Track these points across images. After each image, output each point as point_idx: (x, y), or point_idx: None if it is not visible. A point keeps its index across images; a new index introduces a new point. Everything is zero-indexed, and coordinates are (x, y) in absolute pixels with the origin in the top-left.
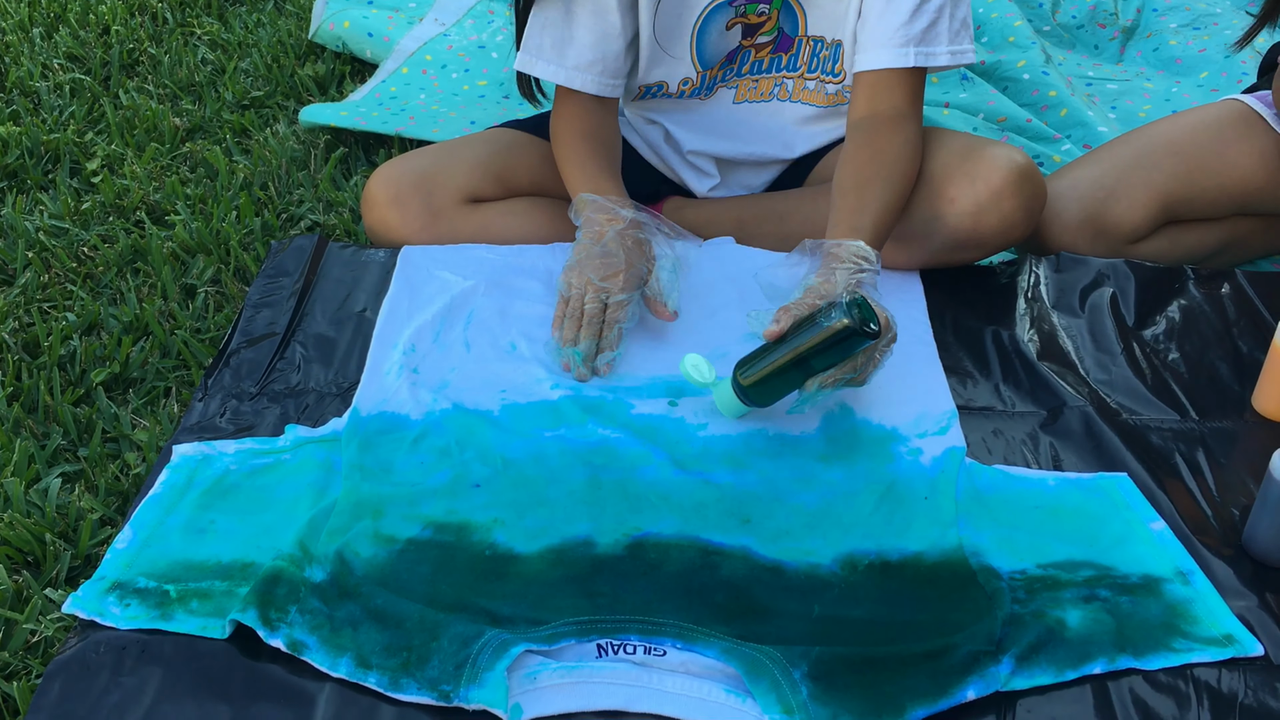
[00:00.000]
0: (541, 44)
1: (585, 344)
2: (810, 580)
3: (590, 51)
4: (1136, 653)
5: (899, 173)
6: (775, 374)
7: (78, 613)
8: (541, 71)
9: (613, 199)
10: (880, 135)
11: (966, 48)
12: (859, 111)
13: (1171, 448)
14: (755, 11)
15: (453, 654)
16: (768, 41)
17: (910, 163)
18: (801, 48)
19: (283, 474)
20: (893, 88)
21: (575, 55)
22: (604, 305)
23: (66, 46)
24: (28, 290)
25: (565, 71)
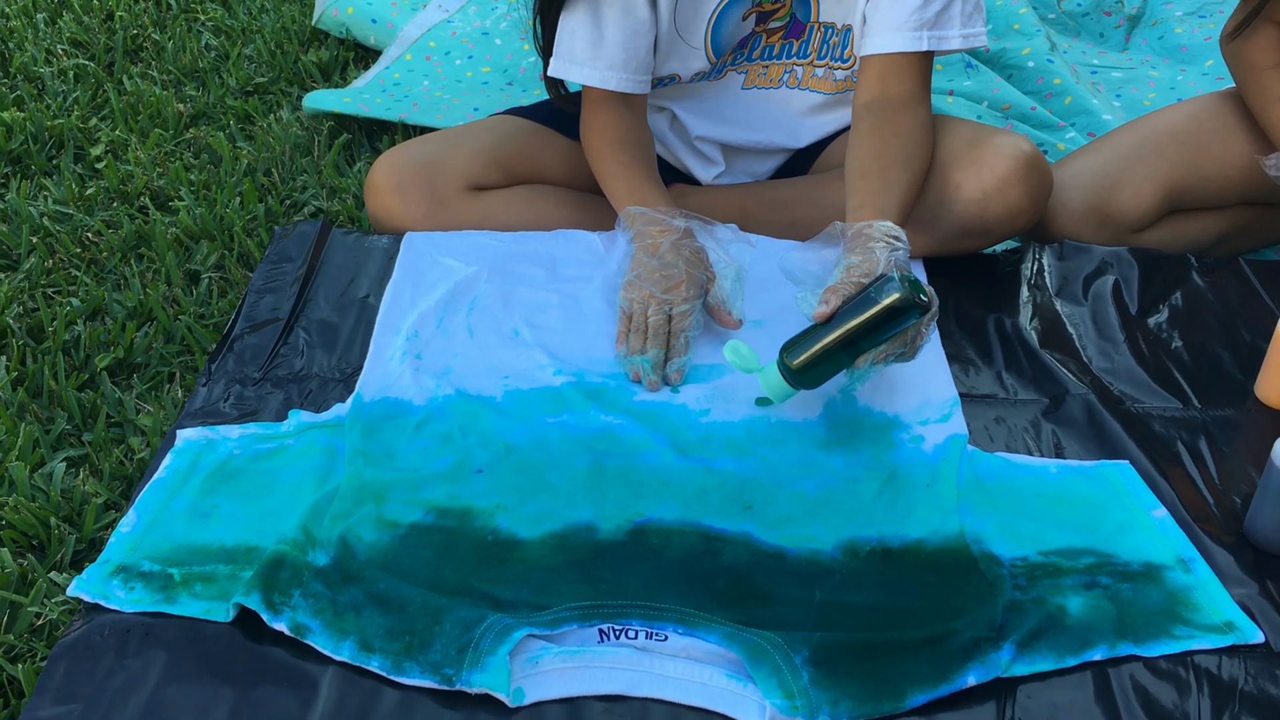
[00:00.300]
0: (573, 48)
1: (653, 352)
2: (811, 566)
3: (622, 51)
4: (1137, 640)
5: (917, 155)
6: (825, 355)
7: (82, 595)
8: (576, 75)
9: (661, 209)
10: (897, 117)
11: (978, 31)
12: (869, 94)
13: (1174, 436)
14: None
15: (455, 638)
16: (779, 27)
17: (926, 146)
18: (813, 34)
19: (286, 459)
20: (904, 71)
21: (608, 56)
22: (668, 317)
23: (70, 32)
24: (32, 275)
25: (600, 73)
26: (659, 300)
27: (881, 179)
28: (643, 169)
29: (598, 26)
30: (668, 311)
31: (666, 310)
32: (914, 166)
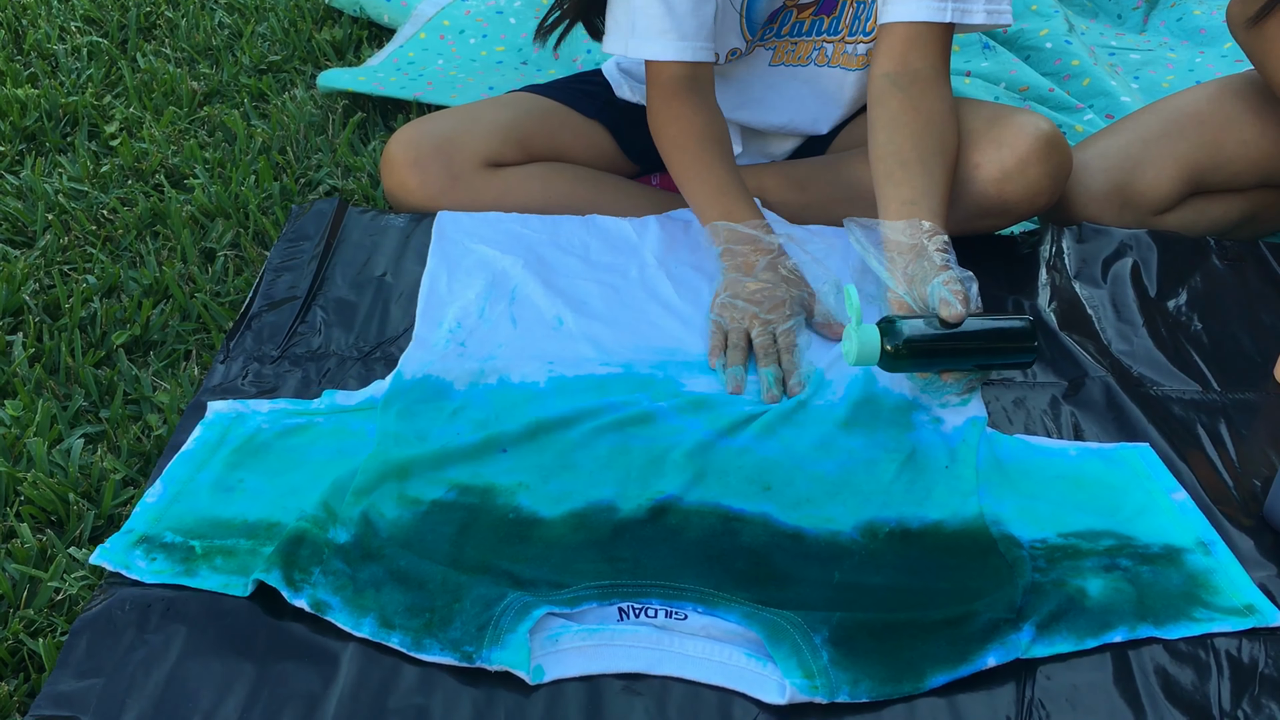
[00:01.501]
0: (635, 23)
1: (772, 369)
2: (831, 547)
3: (693, 18)
4: (1157, 622)
5: (951, 144)
6: (935, 352)
7: (105, 564)
8: (650, 51)
9: (754, 224)
10: (927, 97)
11: (1003, 8)
12: (891, 64)
13: (1193, 419)
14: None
15: (475, 615)
16: (811, 3)
17: (956, 131)
18: (844, 9)
19: (314, 436)
20: (926, 43)
21: (678, 26)
22: (773, 336)
23: (84, 9)
24: (48, 252)
25: (675, 45)
26: (762, 321)
27: (925, 172)
28: (724, 173)
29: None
30: (772, 331)
31: (771, 331)
32: (950, 156)
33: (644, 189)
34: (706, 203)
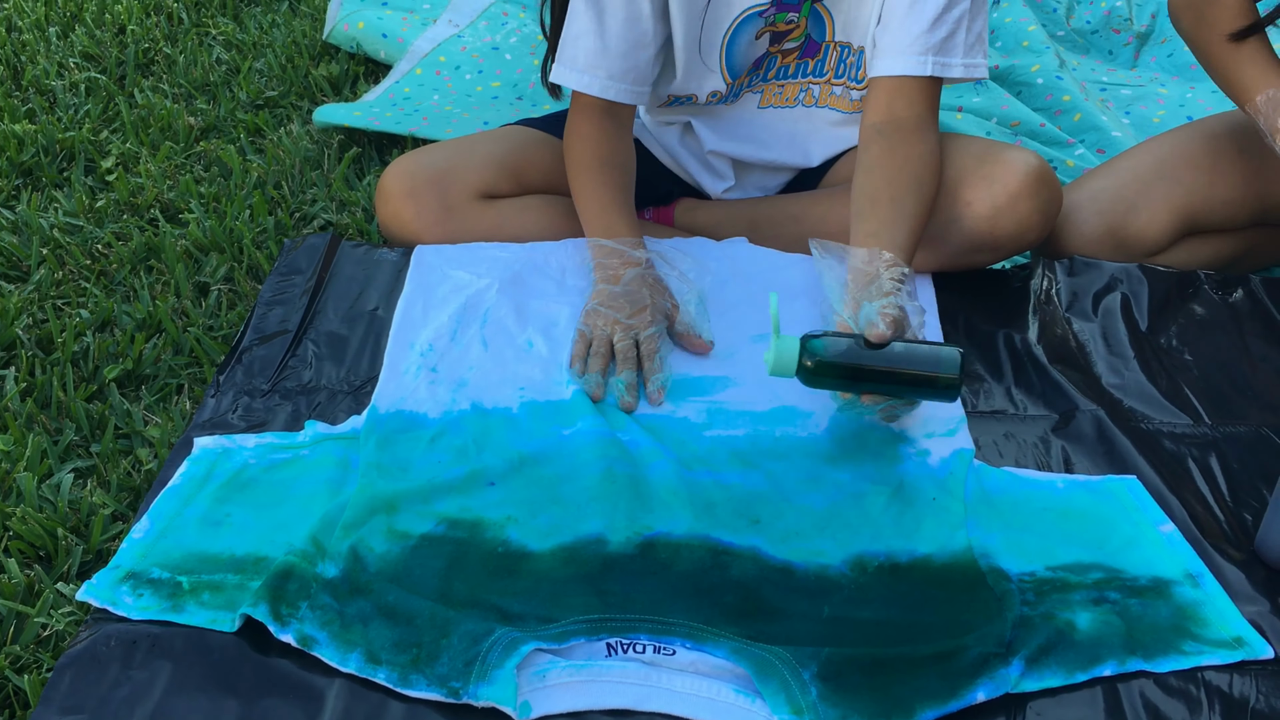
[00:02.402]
0: (575, 55)
1: (626, 374)
2: (820, 581)
3: (623, 60)
4: (1146, 655)
5: (928, 183)
6: (851, 372)
7: (91, 600)
8: (575, 82)
9: (625, 241)
10: (907, 143)
11: (979, 62)
12: (877, 116)
13: (1184, 452)
14: (784, 20)
15: (462, 651)
16: (794, 48)
17: (936, 174)
18: (828, 53)
19: (300, 469)
20: (912, 95)
21: (608, 65)
22: (635, 342)
23: (82, 45)
24: (42, 287)
25: (600, 81)
26: (625, 326)
27: (894, 208)
28: (614, 193)
29: (601, 35)
30: (634, 337)
31: (633, 336)
32: (925, 195)
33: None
34: (591, 219)
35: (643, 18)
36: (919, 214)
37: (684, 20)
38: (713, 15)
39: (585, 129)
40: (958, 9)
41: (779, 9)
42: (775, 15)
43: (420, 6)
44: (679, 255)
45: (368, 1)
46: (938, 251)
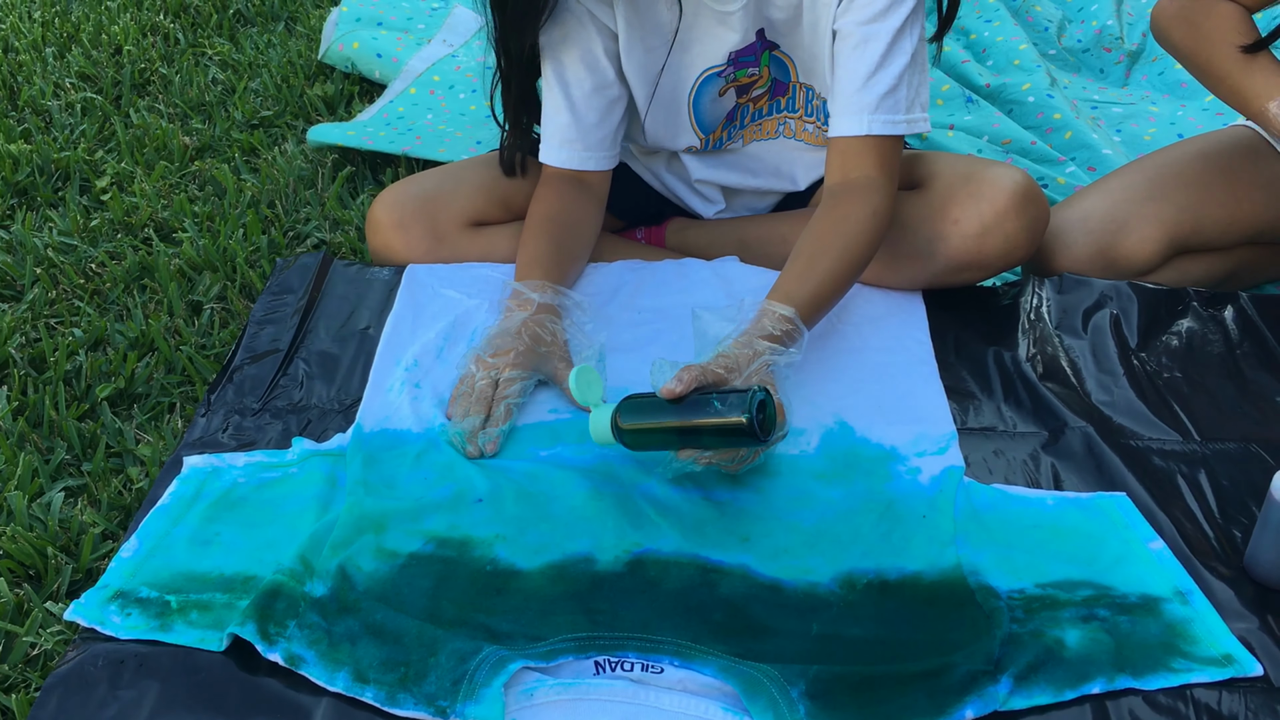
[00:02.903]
0: (551, 132)
1: (470, 420)
2: (809, 599)
3: (597, 131)
4: (1135, 673)
5: (856, 244)
6: (658, 431)
7: (79, 620)
8: (553, 159)
9: (531, 284)
10: (846, 203)
11: (919, 117)
12: (832, 178)
13: (1173, 469)
14: (745, 74)
15: (450, 670)
16: (762, 94)
17: (872, 234)
18: (796, 92)
19: (289, 488)
20: (862, 154)
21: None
22: (494, 382)
23: (79, 66)
24: (35, 306)
25: (578, 155)
26: (487, 365)
27: (808, 264)
28: (549, 246)
29: (571, 109)
30: (494, 377)
31: (493, 376)
32: (849, 257)
33: (628, 243)
34: (519, 268)
35: (608, 84)
36: (836, 272)
37: (640, 84)
38: (670, 79)
39: (547, 196)
40: (896, 65)
41: (737, 66)
42: (735, 72)
43: (415, 27)
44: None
45: (363, 22)
46: (925, 269)
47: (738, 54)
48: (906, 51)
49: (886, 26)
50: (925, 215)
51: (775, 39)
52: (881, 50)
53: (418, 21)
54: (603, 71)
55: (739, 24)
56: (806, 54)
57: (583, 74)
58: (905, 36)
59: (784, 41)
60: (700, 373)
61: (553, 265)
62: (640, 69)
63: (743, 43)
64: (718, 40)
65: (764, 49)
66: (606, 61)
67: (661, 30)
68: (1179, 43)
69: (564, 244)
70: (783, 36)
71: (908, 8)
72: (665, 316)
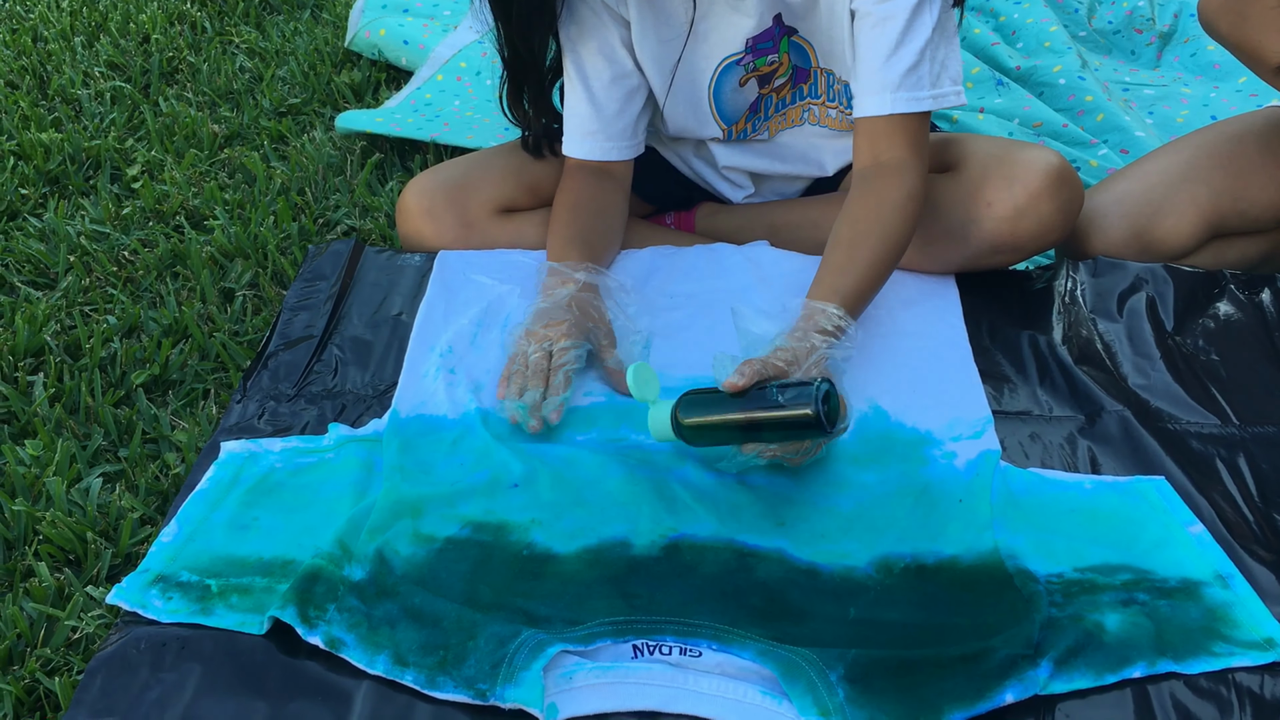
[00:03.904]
0: (572, 125)
1: (530, 394)
2: (846, 583)
3: (617, 121)
4: (1176, 656)
5: (894, 230)
6: (720, 427)
7: (121, 604)
8: (575, 151)
9: (570, 264)
10: (883, 188)
11: (948, 90)
12: (862, 161)
13: (1212, 453)
14: (765, 63)
15: (489, 653)
16: (785, 83)
17: (909, 217)
18: (817, 77)
19: (326, 473)
20: (891, 134)
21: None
22: (548, 354)
23: (107, 55)
24: (69, 293)
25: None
26: (539, 337)
27: (848, 254)
28: (580, 230)
29: (591, 100)
30: (547, 349)
31: (546, 347)
32: (888, 242)
33: (657, 228)
34: (551, 251)
35: (627, 74)
36: (876, 260)
37: (656, 75)
38: (687, 69)
39: (573, 185)
40: (917, 41)
41: (756, 54)
42: (755, 61)
43: (441, 13)
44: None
45: (389, 8)
46: (959, 252)
47: (755, 40)
48: (927, 26)
49: (904, 3)
50: (958, 198)
51: (793, 23)
52: (900, 27)
53: (444, 8)
54: (620, 61)
55: (754, 9)
56: (825, 37)
57: (600, 64)
58: (924, 11)
59: (802, 26)
60: (762, 366)
61: (587, 249)
62: (655, 60)
63: (759, 28)
64: (734, 27)
65: (782, 34)
66: (624, 51)
67: (675, 20)
68: (1227, 33)
69: (595, 229)
70: (800, 20)
71: None
72: (698, 302)
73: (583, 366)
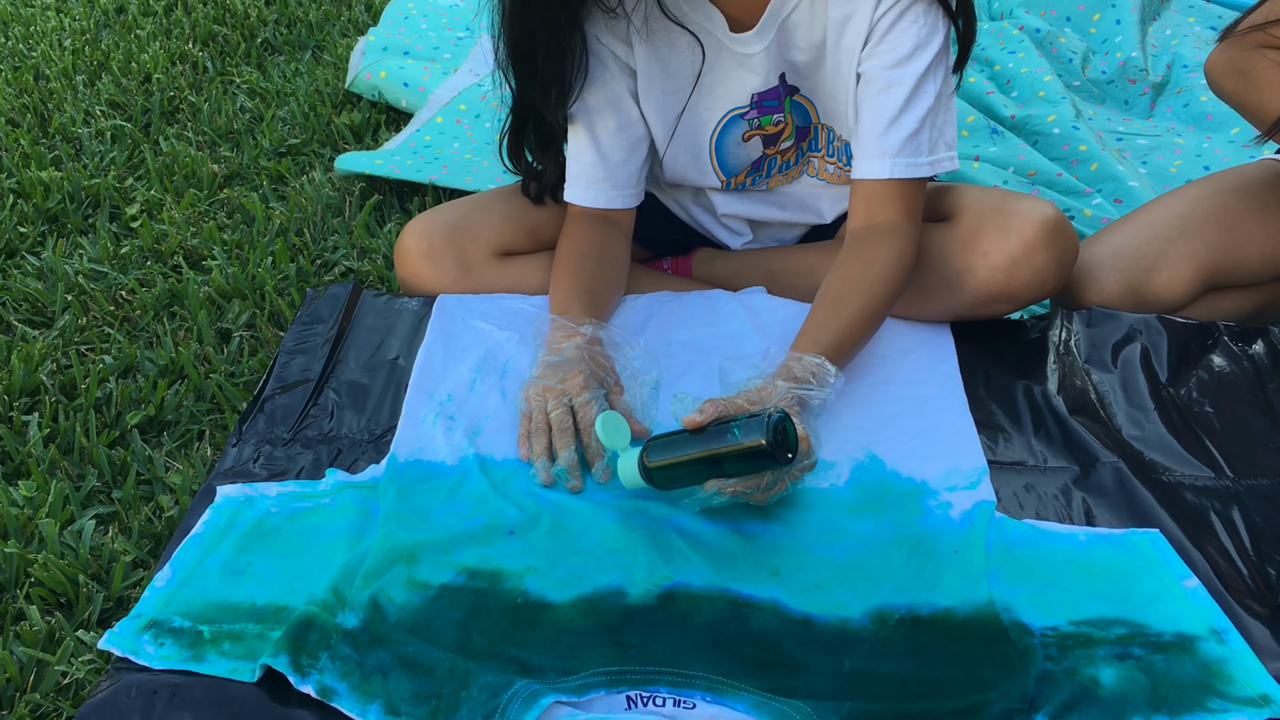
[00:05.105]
0: (577, 172)
1: (565, 455)
2: (841, 634)
3: (623, 169)
4: (1171, 712)
5: (880, 290)
6: (683, 465)
7: (113, 649)
8: (579, 198)
9: (572, 317)
10: (870, 247)
11: (944, 156)
12: (855, 222)
13: (1206, 505)
14: (771, 121)
15: (482, 703)
16: (790, 147)
17: (896, 279)
18: (818, 133)
19: (321, 518)
20: (887, 198)
21: (610, 176)
22: (570, 410)
23: (108, 94)
24: (66, 332)
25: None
26: (557, 392)
27: (832, 309)
28: (583, 280)
29: (596, 149)
30: (568, 404)
31: (566, 403)
32: (873, 302)
33: (655, 274)
34: (553, 303)
35: (632, 123)
36: (860, 318)
37: (659, 124)
38: (690, 119)
39: (576, 233)
40: (919, 109)
41: (761, 111)
42: (760, 119)
43: (441, 56)
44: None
45: (389, 51)
46: (954, 301)
47: (761, 96)
48: (930, 94)
49: (911, 71)
50: (954, 248)
51: (796, 83)
52: (905, 95)
53: (444, 51)
54: (626, 111)
55: (760, 66)
56: (827, 96)
57: (607, 114)
58: (929, 80)
59: (804, 85)
60: (725, 404)
61: (590, 301)
62: (659, 110)
63: (765, 85)
64: (740, 82)
65: (786, 94)
66: (630, 101)
67: (681, 72)
68: (1231, 93)
69: (599, 279)
70: (804, 79)
71: (932, 51)
72: (695, 349)
73: None
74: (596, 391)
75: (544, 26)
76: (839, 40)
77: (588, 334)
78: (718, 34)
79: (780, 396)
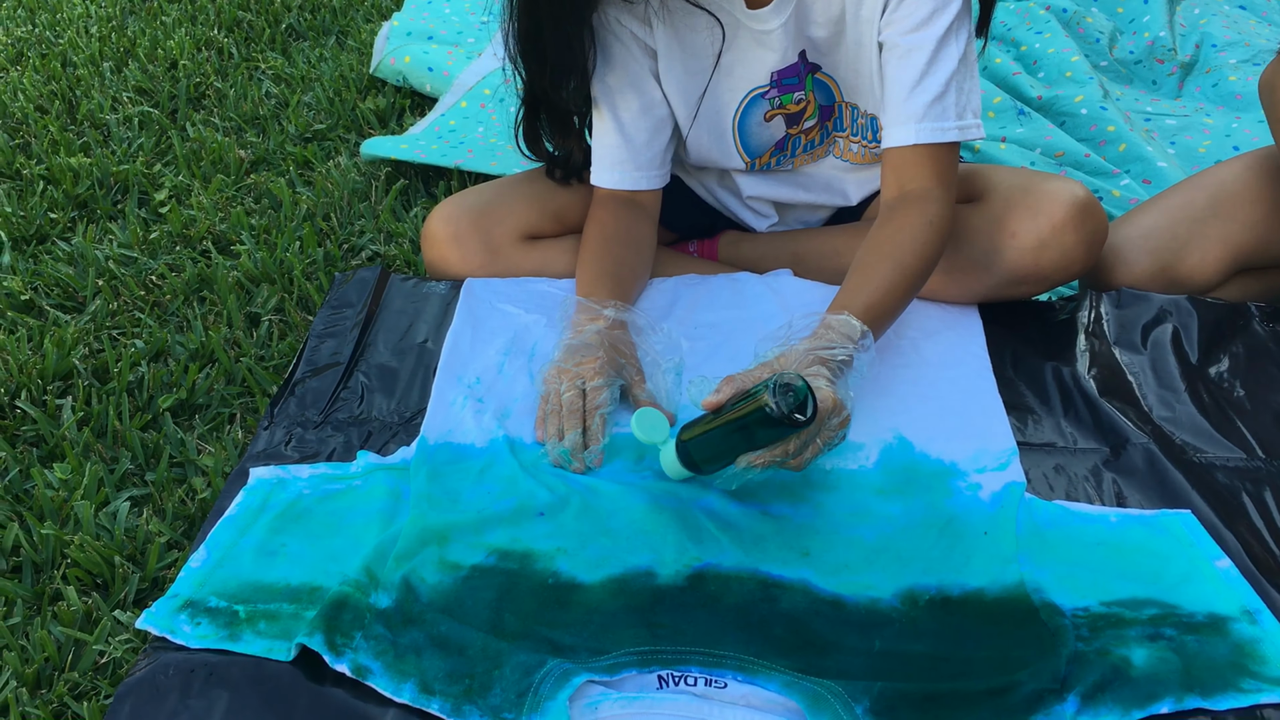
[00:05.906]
0: (602, 155)
1: (570, 437)
2: (871, 614)
3: (646, 151)
4: (1204, 692)
5: (913, 252)
6: (715, 443)
7: (150, 629)
8: (605, 181)
9: (597, 299)
10: (903, 214)
11: (971, 123)
12: (889, 192)
13: (1238, 486)
14: (792, 100)
15: (515, 682)
16: (813, 125)
17: (929, 242)
18: (842, 111)
19: (353, 500)
20: (917, 164)
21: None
22: (582, 393)
23: (135, 80)
24: (97, 317)
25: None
26: (571, 375)
27: (863, 275)
28: (609, 264)
29: (620, 130)
30: (580, 387)
31: (579, 386)
32: (905, 266)
33: (681, 257)
34: (580, 286)
35: (655, 104)
36: (891, 281)
37: (681, 105)
38: (712, 100)
39: (602, 216)
40: (942, 72)
41: (781, 90)
42: (781, 97)
43: (465, 40)
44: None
45: (414, 36)
46: (982, 282)
47: (780, 74)
48: (953, 57)
49: (930, 34)
50: (982, 228)
51: (817, 60)
52: (926, 58)
53: (468, 35)
54: (649, 92)
55: (778, 43)
56: (849, 71)
57: (629, 95)
58: (950, 42)
59: (825, 62)
60: (743, 379)
61: (616, 284)
62: (680, 91)
63: (783, 63)
64: (759, 61)
65: (807, 71)
66: (652, 81)
67: (701, 52)
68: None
69: (625, 262)
70: (824, 56)
71: (951, 13)
72: (721, 331)
73: (615, 406)
74: (610, 377)
75: (550, 19)
76: (857, 12)
77: (610, 316)
78: (735, 11)
79: (798, 360)
